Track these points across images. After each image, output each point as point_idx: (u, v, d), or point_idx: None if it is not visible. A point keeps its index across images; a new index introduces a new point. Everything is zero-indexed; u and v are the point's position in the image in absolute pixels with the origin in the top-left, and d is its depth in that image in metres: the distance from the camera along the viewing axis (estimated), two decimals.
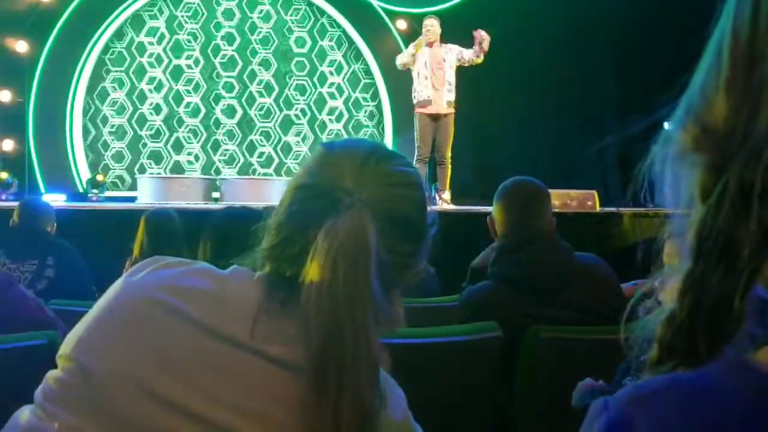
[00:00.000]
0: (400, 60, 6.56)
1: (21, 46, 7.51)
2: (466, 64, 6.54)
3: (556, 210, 5.82)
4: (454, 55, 6.51)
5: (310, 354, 0.78)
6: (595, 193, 6.22)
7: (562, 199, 6.01)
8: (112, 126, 8.21)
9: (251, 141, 8.53)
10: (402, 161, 0.93)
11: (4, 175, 7.07)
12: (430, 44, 6.49)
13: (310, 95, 8.69)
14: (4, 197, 6.69)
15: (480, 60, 6.46)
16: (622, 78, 8.22)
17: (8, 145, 7.49)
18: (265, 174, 8.44)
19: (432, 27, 6.49)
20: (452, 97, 6.50)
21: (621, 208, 5.60)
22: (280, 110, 8.61)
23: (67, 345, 0.83)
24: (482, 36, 6.38)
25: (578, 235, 3.04)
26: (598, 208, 6.09)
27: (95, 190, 7.18)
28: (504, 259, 2.07)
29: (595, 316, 1.93)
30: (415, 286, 0.95)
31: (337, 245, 0.79)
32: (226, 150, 8.47)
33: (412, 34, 7.83)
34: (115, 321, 0.83)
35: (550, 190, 6.19)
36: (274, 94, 8.59)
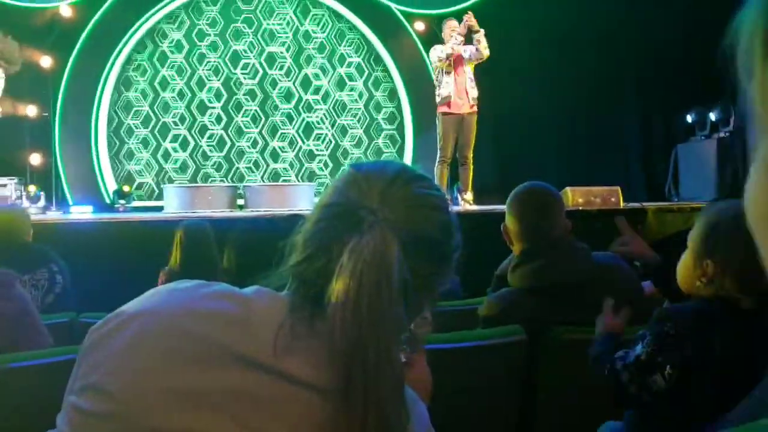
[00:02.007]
0: (439, 54, 6.52)
1: (45, 61, 7.64)
2: (475, 62, 6.55)
3: (580, 207, 5.80)
4: (470, 54, 6.54)
5: (335, 373, 0.78)
6: (618, 189, 6.17)
7: (585, 196, 5.98)
8: (137, 137, 8.32)
9: (274, 148, 8.59)
10: (428, 183, 0.93)
11: (32, 189, 7.20)
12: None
13: (330, 100, 8.73)
14: (33, 210, 6.81)
15: (486, 52, 6.44)
16: (643, 74, 8.15)
17: (35, 158, 7.62)
18: (287, 180, 8.49)
19: (457, 27, 6.51)
20: (476, 93, 6.50)
21: (645, 204, 5.56)
22: (301, 116, 8.65)
23: (93, 372, 0.82)
24: (466, 21, 6.37)
25: (602, 232, 3.02)
26: (621, 204, 6.05)
27: (122, 201, 7.28)
28: (520, 268, 2.07)
29: None
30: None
31: (361, 264, 0.79)
32: (249, 157, 8.54)
33: (431, 35, 7.85)
34: (139, 350, 0.81)
35: (574, 188, 6.18)
36: (294, 101, 8.65)
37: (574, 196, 5.92)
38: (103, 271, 4.26)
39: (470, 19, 6.45)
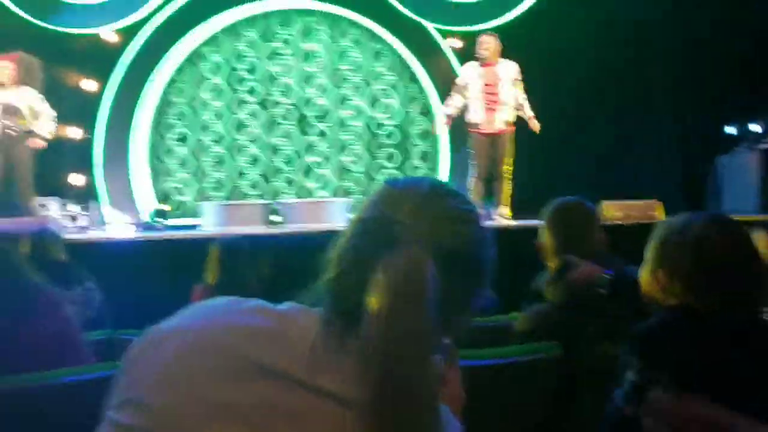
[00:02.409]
0: (448, 110, 6.59)
1: (88, 85, 7.84)
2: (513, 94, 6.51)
3: (618, 221, 5.71)
4: (512, 73, 6.43)
5: (368, 388, 0.77)
6: (656, 202, 6.06)
7: (623, 210, 5.89)
8: (176, 157, 8.47)
9: (308, 165, 8.66)
10: (462, 200, 0.93)
11: (73, 208, 7.35)
12: (484, 63, 6.45)
13: (364, 118, 8.78)
14: (74, 230, 6.95)
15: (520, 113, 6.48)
16: (682, 84, 8.03)
17: (78, 179, 7.80)
18: (322, 197, 8.54)
19: (487, 44, 6.43)
20: (509, 116, 6.42)
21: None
22: (336, 133, 8.72)
23: (132, 388, 0.84)
24: (534, 126, 6.49)
25: (641, 246, 2.98)
26: (661, 218, 5.94)
27: (160, 220, 7.40)
28: (556, 283, 2.05)
29: None
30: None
31: (394, 280, 0.79)
32: (284, 174, 8.62)
33: (466, 52, 7.85)
34: (177, 365, 0.82)
35: (611, 201, 6.08)
36: (329, 118, 8.72)
37: (611, 210, 5.84)
38: (140, 289, 4.32)
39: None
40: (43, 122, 6.11)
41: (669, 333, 1.52)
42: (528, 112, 6.49)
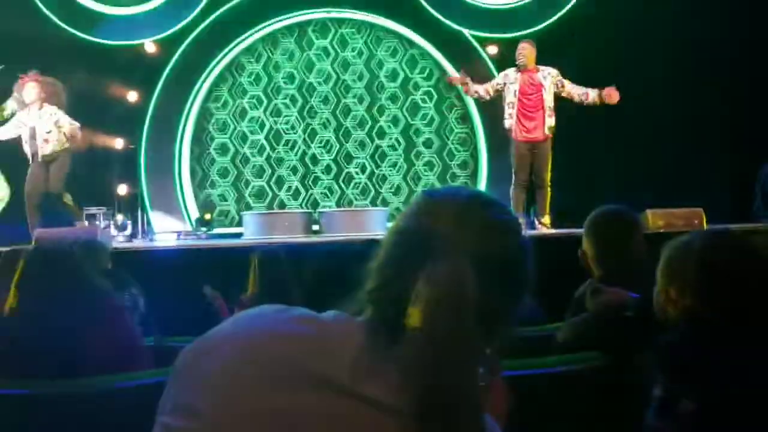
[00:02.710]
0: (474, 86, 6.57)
1: (131, 96, 8.03)
2: (564, 95, 6.41)
3: (661, 230, 5.62)
4: (552, 79, 6.39)
5: (413, 399, 0.79)
6: (701, 210, 5.94)
7: (666, 218, 5.80)
8: (218, 166, 8.60)
9: (348, 174, 8.72)
10: (502, 209, 0.94)
11: (120, 218, 7.52)
12: (523, 70, 6.42)
13: (403, 126, 8.80)
14: (120, 238, 7.11)
15: (587, 103, 6.37)
16: (727, 87, 7.88)
17: (123, 189, 7.98)
18: (361, 205, 8.58)
19: (524, 51, 6.40)
20: (552, 122, 6.37)
21: (730, 225, 5.33)
22: (374, 142, 8.76)
23: (185, 394, 0.86)
24: (611, 96, 6.30)
25: None
26: (705, 226, 5.83)
27: (203, 228, 7.52)
28: (599, 293, 2.03)
29: None
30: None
31: (437, 291, 0.80)
32: (324, 183, 8.69)
33: (503, 59, 7.83)
34: (228, 372, 0.84)
35: (654, 210, 5.99)
36: (368, 127, 8.77)
37: (654, 219, 5.75)
38: (185, 297, 4.39)
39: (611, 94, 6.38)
40: (67, 129, 6.24)
41: (688, 346, 1.55)
42: (591, 92, 6.37)
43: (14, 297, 1.89)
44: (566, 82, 6.39)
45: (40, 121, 6.17)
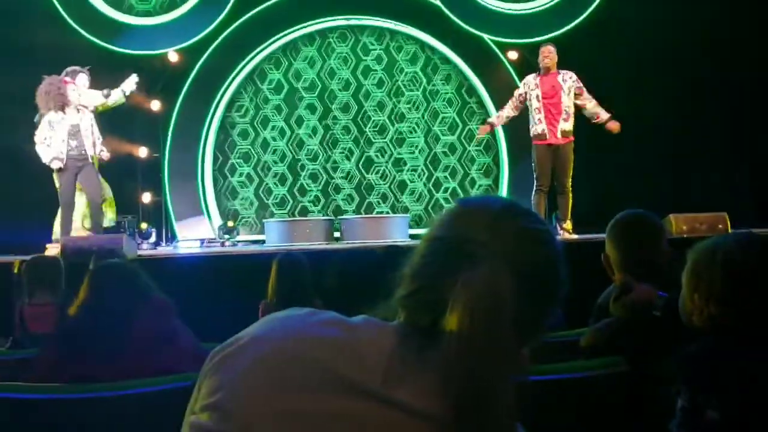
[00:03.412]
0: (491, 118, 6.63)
1: (155, 105, 8.12)
2: (577, 103, 6.43)
3: (684, 235, 5.56)
4: (571, 83, 6.39)
5: (449, 404, 0.79)
6: (725, 215, 5.87)
7: (690, 223, 5.73)
8: (240, 174, 8.67)
9: (368, 181, 8.74)
10: (536, 218, 0.94)
11: (144, 226, 7.61)
12: (543, 74, 6.43)
13: (424, 132, 8.82)
14: (145, 246, 7.19)
15: (594, 122, 6.39)
16: (749, 91, 7.80)
17: (147, 197, 8.07)
18: (381, 212, 8.60)
19: (550, 54, 6.42)
20: (569, 126, 6.36)
21: (755, 230, 5.25)
22: (395, 148, 8.78)
23: (213, 395, 0.86)
24: (614, 129, 6.43)
25: None
26: (729, 231, 5.76)
27: (226, 236, 7.58)
28: (622, 298, 2.02)
29: None
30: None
31: (475, 297, 0.81)
32: (344, 191, 8.72)
33: (524, 64, 7.82)
34: (257, 374, 0.85)
35: (678, 215, 5.92)
36: (388, 134, 8.79)
37: (677, 224, 5.69)
38: (209, 303, 4.43)
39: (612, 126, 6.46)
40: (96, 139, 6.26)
41: (713, 357, 1.53)
42: (603, 115, 6.43)
43: (83, 296, 2.23)
44: (584, 91, 6.39)
45: (83, 122, 6.17)
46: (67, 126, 6.06)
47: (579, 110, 6.49)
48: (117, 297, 2.16)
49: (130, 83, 6.59)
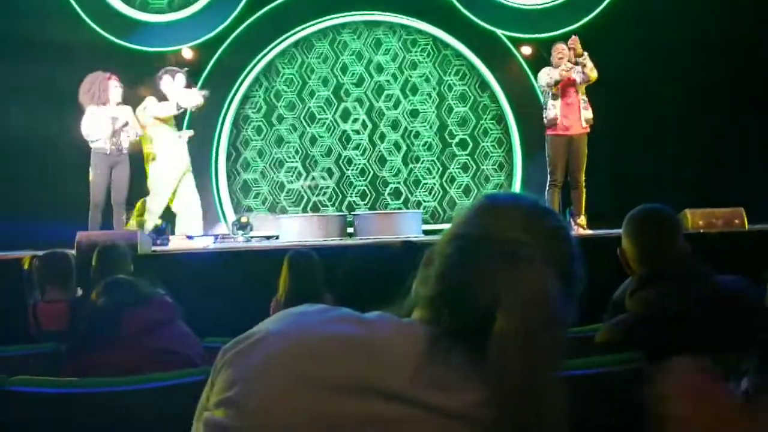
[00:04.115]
0: (548, 80, 6.42)
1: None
2: (584, 84, 6.39)
3: (701, 230, 5.52)
4: (579, 76, 6.41)
5: (498, 405, 0.79)
6: (742, 210, 5.81)
7: (706, 218, 5.68)
8: (254, 170, 8.69)
9: (382, 177, 8.73)
10: (559, 217, 0.94)
11: (159, 222, 7.63)
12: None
13: (437, 128, 8.80)
14: (159, 242, 7.21)
15: (593, 74, 6.30)
16: (766, 86, 7.72)
17: None
18: (395, 208, 8.60)
19: (563, 51, 6.41)
20: (589, 114, 6.35)
21: None
22: (408, 144, 8.76)
23: (227, 390, 0.85)
24: (571, 46, 6.30)
25: (726, 256, 2.87)
26: (746, 227, 5.70)
27: (240, 232, 7.60)
28: (639, 293, 2.00)
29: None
30: None
31: (529, 299, 0.81)
32: (358, 187, 8.72)
33: (538, 59, 7.77)
34: (272, 370, 0.84)
35: (694, 210, 5.88)
36: (401, 129, 8.78)
37: (694, 219, 5.64)
38: (223, 299, 4.44)
39: (575, 43, 6.36)
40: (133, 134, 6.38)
41: None
42: (580, 76, 6.33)
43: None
44: (587, 60, 6.33)
45: (122, 116, 6.31)
46: (108, 119, 6.21)
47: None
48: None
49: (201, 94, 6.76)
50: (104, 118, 6.22)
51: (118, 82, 6.43)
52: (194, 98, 6.66)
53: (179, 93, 6.55)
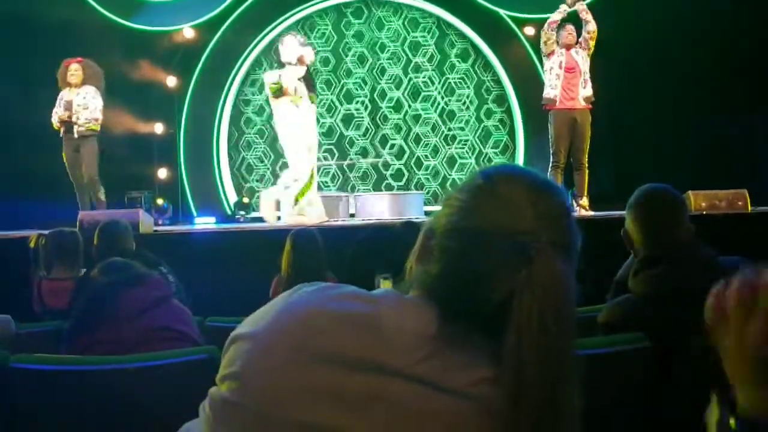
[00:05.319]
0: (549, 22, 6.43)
1: (171, 81, 8.12)
2: (591, 41, 6.37)
3: (704, 212, 5.51)
4: (583, 55, 6.36)
5: (518, 394, 0.80)
6: (745, 192, 5.79)
7: (709, 200, 5.67)
8: (255, 151, 8.66)
9: (384, 157, 8.71)
10: (558, 188, 0.92)
11: (160, 201, 7.64)
12: (567, 48, 6.37)
13: (439, 108, 8.77)
14: (161, 222, 7.22)
15: (591, 26, 6.29)
16: None
17: (163, 173, 8.09)
18: (397, 188, 8.59)
19: (571, 32, 6.37)
20: (589, 92, 6.32)
21: None
22: (410, 125, 8.74)
23: (231, 365, 0.86)
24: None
25: (728, 238, 2.87)
26: (749, 209, 5.69)
27: (242, 212, 7.60)
28: (642, 273, 1.99)
29: None
30: None
31: (542, 290, 0.81)
32: (360, 167, 8.70)
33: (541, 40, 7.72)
34: (274, 346, 0.84)
35: (697, 191, 5.86)
36: (404, 111, 8.74)
37: (697, 200, 5.63)
38: (225, 278, 4.46)
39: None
40: (85, 113, 6.33)
41: None
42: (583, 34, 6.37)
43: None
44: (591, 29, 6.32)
45: (77, 98, 6.33)
46: (63, 101, 6.33)
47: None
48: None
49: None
50: (61, 103, 6.32)
51: (80, 65, 6.39)
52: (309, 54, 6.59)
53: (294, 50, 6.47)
